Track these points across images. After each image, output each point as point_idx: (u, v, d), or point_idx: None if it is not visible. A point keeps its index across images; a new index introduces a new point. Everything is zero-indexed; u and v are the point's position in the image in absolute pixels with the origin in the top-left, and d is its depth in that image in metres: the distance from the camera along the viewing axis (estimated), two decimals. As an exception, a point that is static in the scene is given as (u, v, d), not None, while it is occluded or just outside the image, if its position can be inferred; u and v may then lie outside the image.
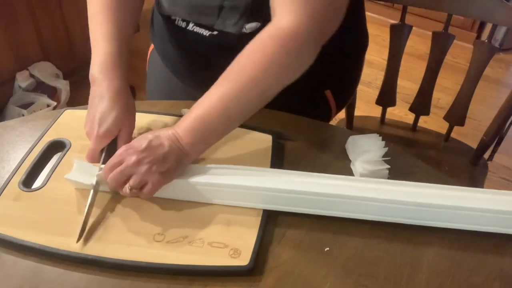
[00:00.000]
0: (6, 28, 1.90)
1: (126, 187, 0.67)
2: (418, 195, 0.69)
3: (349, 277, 0.64)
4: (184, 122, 0.70)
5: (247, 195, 0.70)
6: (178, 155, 0.69)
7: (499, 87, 2.54)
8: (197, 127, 0.69)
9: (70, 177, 0.71)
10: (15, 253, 0.64)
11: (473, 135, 1.95)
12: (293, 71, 0.71)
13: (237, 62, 0.71)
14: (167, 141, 0.68)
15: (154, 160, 0.67)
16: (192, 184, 0.70)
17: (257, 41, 0.70)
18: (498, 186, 1.95)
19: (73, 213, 0.69)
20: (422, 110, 1.31)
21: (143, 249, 0.64)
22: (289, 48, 0.69)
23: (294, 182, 0.70)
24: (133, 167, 0.67)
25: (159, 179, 0.68)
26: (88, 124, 0.76)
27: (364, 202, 0.68)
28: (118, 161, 0.68)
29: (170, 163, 0.68)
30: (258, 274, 0.63)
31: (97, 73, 0.78)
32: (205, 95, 0.71)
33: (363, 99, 2.08)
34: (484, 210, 0.68)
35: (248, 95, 0.70)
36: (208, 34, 0.84)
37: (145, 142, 0.68)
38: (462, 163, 1.28)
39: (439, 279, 0.64)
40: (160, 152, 0.67)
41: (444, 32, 1.19)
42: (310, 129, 0.88)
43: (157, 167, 0.67)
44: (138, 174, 0.67)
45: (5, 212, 0.68)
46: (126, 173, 0.67)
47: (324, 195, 0.68)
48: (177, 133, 0.69)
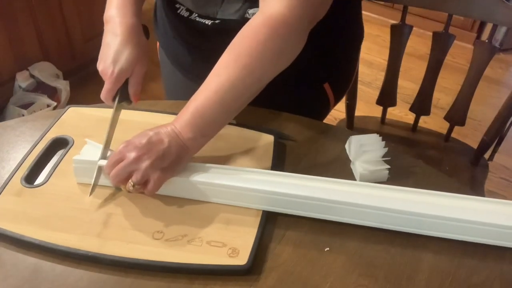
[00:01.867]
0: (6, 28, 1.90)
1: (129, 183, 0.68)
2: (418, 205, 0.68)
3: (349, 277, 0.64)
4: (182, 117, 0.70)
5: (247, 196, 0.70)
6: (178, 150, 0.69)
7: (499, 87, 2.54)
8: (195, 121, 0.70)
9: (79, 157, 0.72)
10: (16, 248, 0.65)
11: (473, 135, 1.95)
12: (286, 57, 0.73)
13: (231, 51, 0.71)
14: (166, 137, 0.68)
15: (154, 156, 0.67)
16: (193, 183, 0.70)
17: (249, 29, 0.71)
18: (498, 186, 1.95)
19: (75, 210, 0.69)
20: (423, 110, 1.31)
21: (142, 247, 0.64)
22: (281, 34, 0.70)
23: (294, 186, 0.70)
24: (134, 163, 0.67)
25: (159, 175, 0.68)
26: (101, 63, 0.77)
27: (363, 209, 0.68)
28: (119, 158, 0.68)
29: (171, 159, 0.68)
30: (258, 273, 0.63)
31: (113, 11, 0.79)
32: (201, 87, 0.71)
33: (364, 99, 2.08)
34: (484, 224, 0.67)
35: (244, 84, 0.70)
36: (210, 23, 0.85)
37: (145, 138, 0.68)
38: (462, 163, 1.28)
39: (439, 279, 0.64)
40: (160, 148, 0.67)
41: (444, 32, 1.19)
42: (310, 129, 0.88)
43: (158, 163, 0.67)
44: (139, 170, 0.67)
45: (7, 208, 0.69)
46: (127, 170, 0.67)
47: (324, 201, 0.68)
48: (176, 128, 0.69)
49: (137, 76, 0.78)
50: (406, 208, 0.68)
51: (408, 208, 0.68)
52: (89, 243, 0.64)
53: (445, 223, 0.68)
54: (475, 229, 0.68)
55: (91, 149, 0.73)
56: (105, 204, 0.70)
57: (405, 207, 0.68)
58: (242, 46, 0.71)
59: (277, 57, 0.71)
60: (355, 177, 0.78)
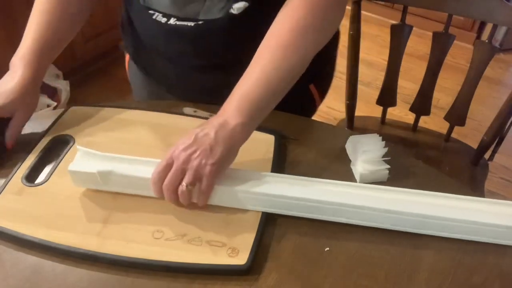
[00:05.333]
0: (6, 28, 1.90)
1: (182, 186, 0.65)
2: (418, 206, 0.68)
3: (349, 277, 0.64)
4: (228, 106, 0.68)
5: (246, 198, 0.70)
6: (226, 142, 0.67)
7: (499, 87, 2.54)
8: (243, 106, 0.68)
9: (74, 167, 0.69)
10: (16, 247, 0.65)
11: (473, 135, 1.95)
12: (328, 29, 0.73)
13: (272, 33, 0.71)
14: (213, 130, 0.67)
15: (202, 153, 0.65)
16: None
17: (286, 9, 0.71)
18: (498, 186, 1.95)
19: (75, 209, 0.69)
20: (423, 110, 1.31)
21: (142, 246, 0.64)
22: (320, 5, 0.70)
23: (294, 188, 0.70)
24: (184, 164, 0.65)
25: (211, 170, 0.65)
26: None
27: (363, 211, 0.68)
28: (166, 164, 0.66)
29: (220, 152, 0.66)
30: (258, 273, 0.63)
31: (17, 60, 0.80)
32: (245, 74, 0.70)
33: (364, 99, 2.07)
34: (484, 224, 0.67)
35: (289, 63, 0.69)
36: (193, 24, 0.82)
37: (191, 137, 0.66)
38: (462, 163, 1.28)
39: (439, 279, 0.64)
40: (207, 143, 0.66)
41: (444, 32, 1.19)
42: (310, 129, 0.88)
43: (207, 159, 0.65)
44: (190, 170, 0.65)
45: (7, 206, 0.69)
46: (178, 174, 0.65)
47: (324, 203, 0.68)
48: (223, 118, 0.68)
49: (17, 120, 0.78)
50: (406, 209, 0.68)
51: (408, 209, 0.68)
52: (89, 242, 0.64)
53: (445, 223, 0.68)
54: (476, 229, 0.68)
55: (84, 156, 0.72)
56: (105, 203, 0.70)
57: (405, 209, 0.68)
58: (282, 26, 0.70)
59: (319, 31, 0.71)
60: (355, 177, 0.78)
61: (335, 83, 1.12)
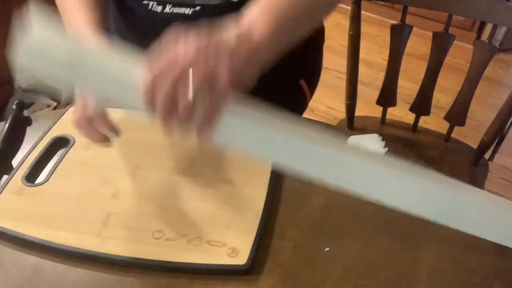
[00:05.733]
0: (6, 28, 1.90)
1: (189, 93, 0.49)
2: None
3: (349, 277, 0.64)
4: (251, 13, 0.59)
5: (266, 138, 0.58)
6: (248, 54, 0.54)
7: (500, 87, 2.54)
8: (269, 14, 0.59)
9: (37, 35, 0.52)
10: (16, 247, 0.65)
11: (473, 135, 1.94)
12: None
13: None
14: (234, 35, 0.54)
15: (220, 54, 0.51)
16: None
17: None
18: (498, 186, 1.95)
19: (75, 209, 0.69)
20: (423, 110, 1.31)
21: (142, 246, 0.64)
22: None
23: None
24: (195, 63, 0.49)
25: (229, 65, 0.51)
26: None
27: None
28: (168, 63, 0.50)
29: (240, 61, 0.53)
30: (258, 273, 0.63)
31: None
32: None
33: (363, 99, 2.07)
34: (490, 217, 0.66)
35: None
36: (191, 11, 0.79)
37: (205, 35, 0.52)
38: (462, 163, 1.28)
39: (439, 279, 0.64)
40: (227, 47, 0.52)
41: (444, 32, 1.19)
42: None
43: (224, 61, 0.51)
44: (202, 66, 0.49)
45: (7, 206, 0.69)
46: (185, 76, 0.49)
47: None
48: (245, 25, 0.56)
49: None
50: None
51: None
52: (89, 242, 0.64)
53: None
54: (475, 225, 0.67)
55: (43, 27, 0.52)
56: (105, 203, 0.70)
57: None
58: None
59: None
60: (355, 177, 0.78)
61: (335, 83, 1.12)
